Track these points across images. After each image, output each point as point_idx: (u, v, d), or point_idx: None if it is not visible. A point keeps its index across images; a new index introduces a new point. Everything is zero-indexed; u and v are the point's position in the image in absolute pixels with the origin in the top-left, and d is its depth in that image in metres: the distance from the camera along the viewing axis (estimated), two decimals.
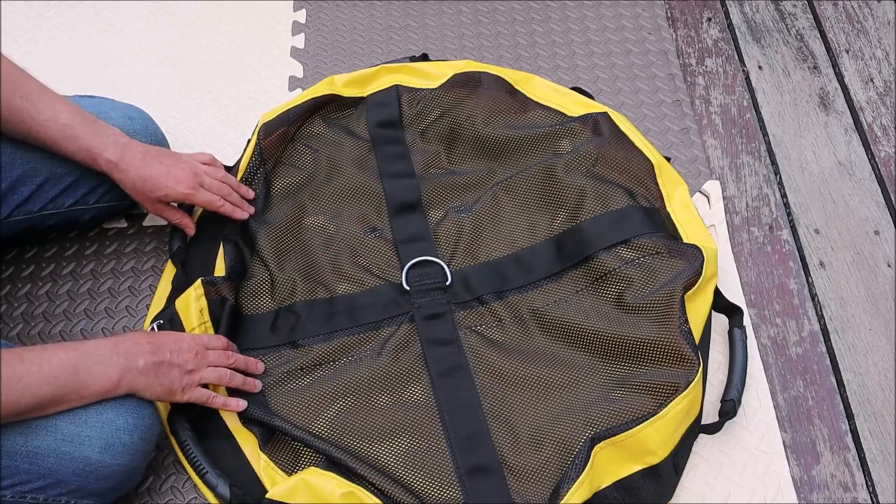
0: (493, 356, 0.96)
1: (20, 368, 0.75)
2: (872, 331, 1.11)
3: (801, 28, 1.47)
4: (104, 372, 0.80)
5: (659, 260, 0.99)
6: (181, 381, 0.86)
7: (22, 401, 0.75)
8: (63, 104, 0.95)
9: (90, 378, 0.79)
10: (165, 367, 0.84)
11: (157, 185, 0.98)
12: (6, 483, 0.79)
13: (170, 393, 0.85)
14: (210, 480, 0.90)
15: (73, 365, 0.78)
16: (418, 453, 0.89)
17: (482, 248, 1.06)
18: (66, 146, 0.95)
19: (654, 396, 0.90)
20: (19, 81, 0.93)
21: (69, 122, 0.94)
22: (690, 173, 1.25)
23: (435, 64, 1.23)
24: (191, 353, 0.87)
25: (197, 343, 0.89)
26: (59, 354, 0.78)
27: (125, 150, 0.97)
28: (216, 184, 1.02)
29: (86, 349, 0.80)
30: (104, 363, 0.80)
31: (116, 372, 0.81)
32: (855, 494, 0.97)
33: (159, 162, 0.99)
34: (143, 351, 0.83)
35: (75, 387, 0.78)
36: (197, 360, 0.87)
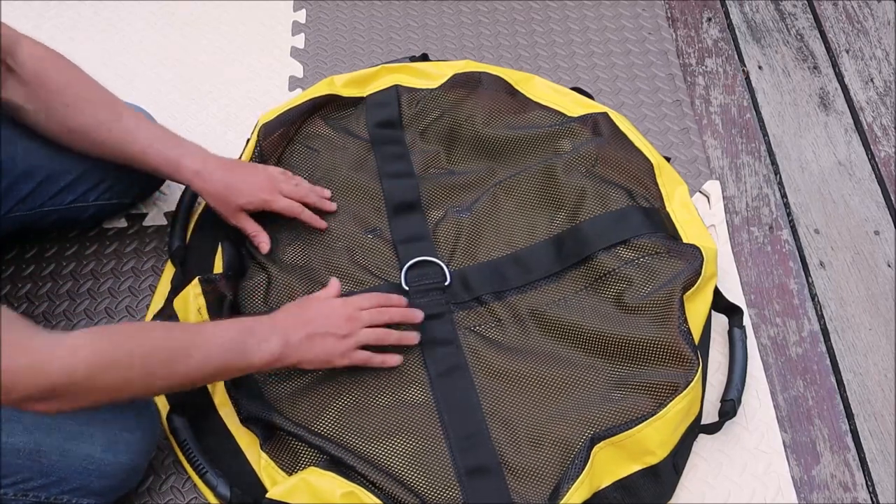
0: (492, 356, 0.96)
1: (199, 340, 0.80)
2: (872, 331, 1.11)
3: (801, 28, 1.47)
4: (266, 348, 0.83)
5: (658, 260, 0.99)
6: (337, 347, 0.88)
7: (199, 371, 0.79)
8: (144, 119, 0.98)
9: (253, 353, 0.82)
10: (320, 338, 0.87)
11: (240, 192, 0.99)
12: (9, 481, 0.80)
13: (328, 360, 0.88)
14: (210, 480, 0.90)
15: (240, 341, 0.82)
16: (417, 453, 0.89)
17: (481, 248, 1.06)
18: (151, 156, 0.97)
19: (653, 396, 0.90)
20: (106, 96, 0.97)
21: (153, 132, 0.97)
22: (690, 173, 1.25)
23: (435, 64, 1.23)
24: (343, 317, 0.89)
25: (349, 307, 0.90)
26: (229, 330, 0.83)
27: (206, 160, 0.99)
28: (294, 189, 1.04)
29: (248, 326, 0.84)
30: (266, 340, 0.83)
31: (277, 347, 0.84)
32: (855, 494, 0.97)
33: (239, 170, 1.01)
34: (294, 325, 0.86)
35: (241, 361, 0.82)
36: (350, 324, 0.89)
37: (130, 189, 1.10)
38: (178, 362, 0.78)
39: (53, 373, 0.68)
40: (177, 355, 0.78)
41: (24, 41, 0.92)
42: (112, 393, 0.74)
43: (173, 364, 0.77)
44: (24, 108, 0.94)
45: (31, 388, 0.68)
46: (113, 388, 0.73)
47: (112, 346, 0.73)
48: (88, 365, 0.70)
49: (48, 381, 0.68)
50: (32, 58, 0.92)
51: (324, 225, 1.06)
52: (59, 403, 0.70)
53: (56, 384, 0.68)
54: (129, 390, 0.76)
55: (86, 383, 0.70)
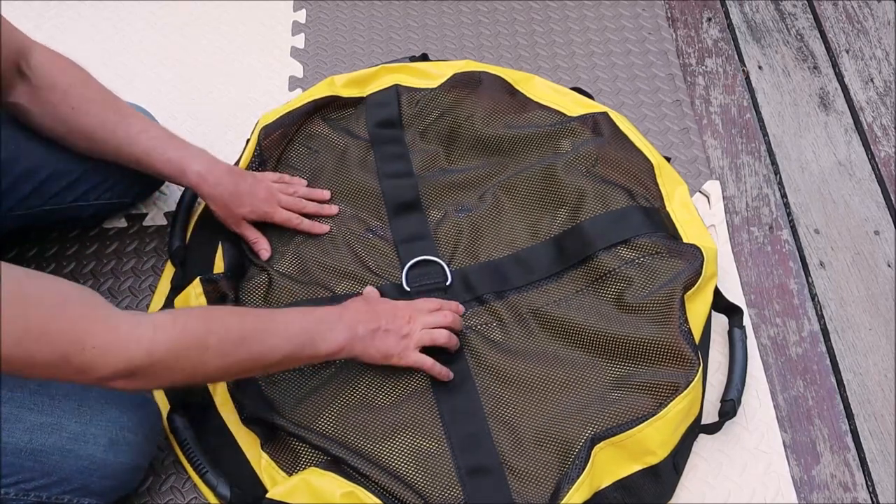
0: (493, 356, 0.96)
1: (272, 327, 0.82)
2: (872, 331, 1.11)
3: (801, 28, 1.47)
4: (334, 338, 0.85)
5: (659, 260, 0.99)
6: (397, 345, 0.90)
7: (271, 356, 0.81)
8: (150, 122, 0.99)
9: (322, 342, 0.85)
10: (381, 334, 0.89)
11: (244, 200, 1.01)
12: (10, 481, 0.80)
13: (386, 357, 0.90)
14: (210, 480, 0.90)
15: (311, 330, 0.85)
16: (419, 453, 0.89)
17: (482, 247, 1.06)
18: (155, 159, 0.97)
19: (653, 396, 0.90)
20: (112, 100, 0.97)
21: (159, 135, 0.98)
22: (690, 173, 1.25)
23: (435, 64, 1.23)
24: (405, 318, 0.91)
25: (411, 308, 0.93)
26: (300, 319, 0.85)
27: (212, 164, 0.99)
28: (292, 201, 1.06)
29: (318, 316, 0.87)
30: (333, 330, 0.86)
31: (343, 337, 0.86)
32: (855, 494, 0.97)
33: (243, 178, 1.02)
34: (362, 319, 0.88)
35: (310, 350, 0.84)
36: (411, 325, 0.91)
37: (131, 189, 1.10)
38: (252, 346, 0.79)
39: (136, 352, 0.70)
40: (252, 339, 0.79)
41: (36, 47, 0.94)
42: (189, 373, 0.76)
43: (248, 347, 0.79)
44: (30, 110, 0.94)
45: (114, 367, 0.69)
46: (190, 369, 0.75)
47: (192, 327, 0.75)
48: (170, 345, 0.72)
49: (130, 361, 0.70)
50: (44, 63, 0.93)
51: (324, 229, 1.07)
52: (139, 382, 0.72)
53: (138, 364, 0.70)
54: (205, 371, 0.77)
55: (166, 363, 0.72)
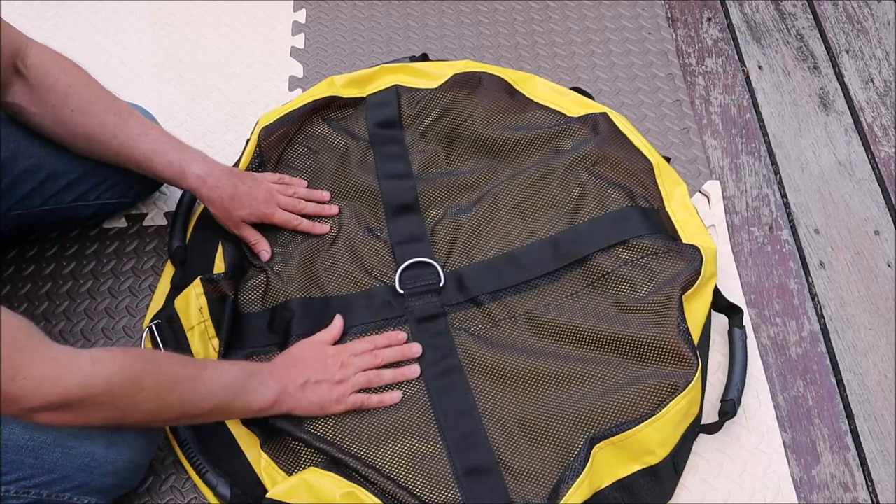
0: (487, 357, 0.96)
1: (205, 375, 0.81)
2: (872, 331, 1.11)
3: (801, 28, 1.48)
4: (263, 393, 0.85)
5: (657, 260, 0.99)
6: (331, 394, 0.89)
7: (203, 404, 0.81)
8: (150, 124, 0.98)
9: (252, 396, 0.84)
10: (312, 386, 0.88)
11: (243, 203, 1.01)
12: (11, 478, 0.80)
13: (322, 408, 0.89)
14: (210, 480, 0.90)
15: (242, 382, 0.84)
16: (414, 456, 0.89)
17: (478, 248, 1.05)
18: (156, 161, 0.97)
19: (653, 396, 0.90)
20: (112, 101, 0.97)
21: (159, 137, 0.97)
22: (690, 173, 1.25)
23: (435, 64, 1.23)
24: (335, 365, 0.90)
25: (342, 354, 0.92)
26: (232, 370, 0.85)
27: (212, 167, 0.99)
28: (292, 202, 1.06)
29: (251, 370, 0.86)
30: (264, 385, 0.85)
31: (273, 394, 0.85)
32: (855, 494, 0.97)
33: (242, 180, 1.02)
34: (291, 374, 0.88)
35: (240, 402, 0.84)
36: (343, 370, 0.90)
37: (131, 189, 1.10)
38: (185, 392, 0.79)
39: (72, 384, 0.70)
40: (185, 385, 0.79)
41: (33, 45, 0.93)
42: (120, 412, 0.75)
43: (181, 393, 0.79)
44: (29, 111, 0.94)
45: (46, 398, 0.69)
46: (122, 407, 0.75)
47: (130, 365, 0.75)
48: (106, 380, 0.72)
49: (65, 392, 0.69)
50: (41, 62, 0.93)
51: (324, 230, 1.07)
52: (68, 416, 0.71)
53: (72, 396, 0.70)
54: (136, 413, 0.77)
55: (99, 398, 0.72)
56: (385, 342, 0.95)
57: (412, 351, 0.95)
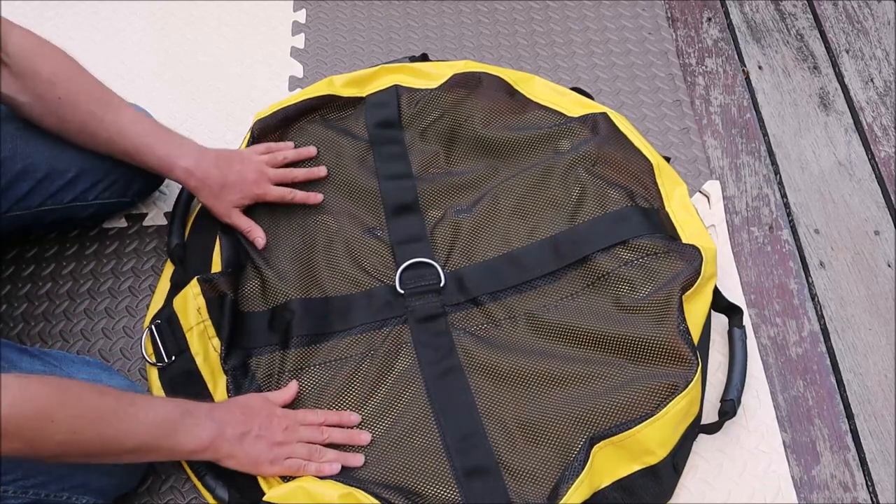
0: (487, 357, 0.96)
1: (131, 410, 0.77)
2: (872, 331, 1.11)
3: (801, 28, 1.47)
4: (197, 434, 0.81)
5: (657, 260, 0.99)
6: (268, 453, 0.85)
7: (126, 441, 0.76)
8: (139, 114, 0.97)
9: (184, 437, 0.80)
10: (252, 439, 0.84)
11: (233, 189, 1.00)
12: (9, 478, 0.80)
13: (255, 464, 0.85)
14: (209, 483, 0.90)
15: (173, 420, 0.80)
16: (415, 455, 0.89)
17: (478, 248, 1.05)
18: (144, 153, 0.96)
19: (652, 396, 0.90)
20: (101, 91, 0.95)
21: (148, 130, 0.96)
22: (690, 173, 1.25)
23: (434, 64, 1.23)
24: (280, 427, 0.86)
25: (289, 419, 0.88)
26: (165, 406, 0.81)
27: (200, 157, 0.98)
28: (281, 173, 1.04)
29: (185, 408, 0.82)
30: (199, 425, 0.81)
31: (208, 436, 0.81)
32: (855, 494, 0.97)
33: (230, 166, 1.00)
34: (233, 420, 0.84)
35: (169, 442, 0.79)
36: (286, 433, 0.86)
37: (130, 188, 1.10)
38: (105, 427, 0.74)
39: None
40: (105, 420, 0.75)
41: (14, 31, 0.90)
42: (30, 445, 0.70)
43: (99, 428, 0.74)
44: (19, 101, 0.93)
45: None
46: (31, 440, 0.70)
47: (41, 395, 0.70)
48: (10, 409, 0.67)
49: None
50: (23, 49, 0.90)
51: (319, 198, 1.06)
52: None
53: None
54: (48, 446, 0.72)
55: (5, 426, 0.67)
56: (336, 420, 0.90)
57: (360, 439, 0.90)
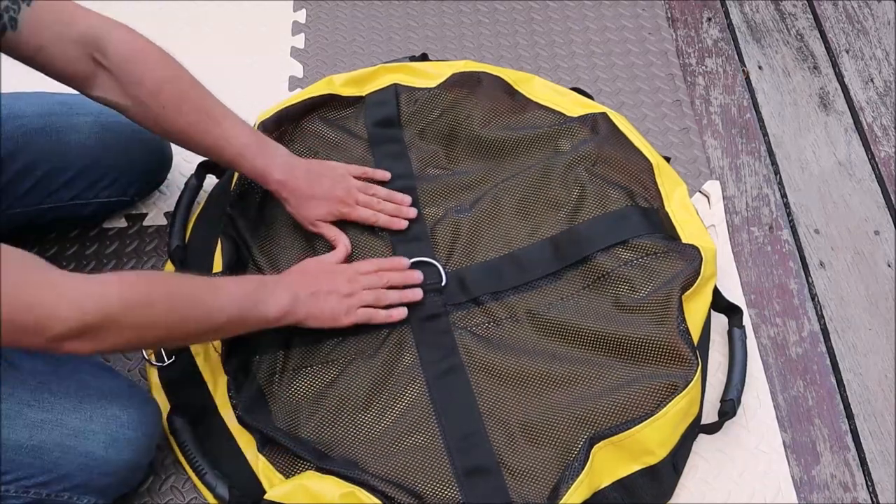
0: (488, 357, 0.96)
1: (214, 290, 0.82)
2: (872, 331, 1.11)
3: (801, 28, 1.48)
4: (276, 301, 0.87)
5: (657, 260, 0.99)
6: (341, 305, 0.92)
7: (218, 317, 0.81)
8: (241, 123, 0.98)
9: (265, 305, 0.86)
10: (324, 295, 0.91)
11: (320, 204, 1.02)
12: (10, 477, 0.80)
13: (334, 318, 0.92)
14: (209, 481, 0.90)
15: (253, 293, 0.85)
16: (416, 454, 0.89)
17: (479, 248, 1.05)
18: (243, 163, 0.97)
19: (652, 396, 0.89)
20: (203, 97, 0.96)
21: (248, 141, 0.97)
22: (690, 173, 1.25)
23: (434, 64, 1.23)
24: (344, 279, 0.94)
25: (349, 270, 0.96)
26: (241, 283, 0.87)
27: (291, 170, 0.99)
28: (369, 199, 1.05)
29: (260, 280, 0.91)
30: (275, 294, 0.87)
31: (286, 300, 0.87)
32: (855, 494, 0.97)
33: (320, 182, 1.02)
34: (302, 282, 0.91)
35: (255, 312, 0.85)
36: (351, 284, 0.93)
37: (130, 187, 1.11)
38: (200, 304, 0.80)
39: (88, 309, 0.69)
40: (199, 297, 0.80)
41: (115, 32, 0.88)
42: (141, 332, 0.75)
43: (196, 306, 0.79)
44: (121, 105, 0.91)
45: (66, 324, 0.68)
46: (142, 326, 0.75)
47: (141, 283, 0.75)
48: (121, 300, 0.71)
49: (83, 318, 0.69)
50: (126, 54, 0.88)
51: (402, 225, 1.06)
52: (92, 342, 0.70)
53: (91, 320, 0.69)
54: (156, 331, 0.77)
55: (118, 320, 0.71)
56: (389, 265, 0.98)
57: (414, 277, 0.99)
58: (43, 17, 0.82)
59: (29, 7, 0.81)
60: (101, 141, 1.05)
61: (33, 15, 0.81)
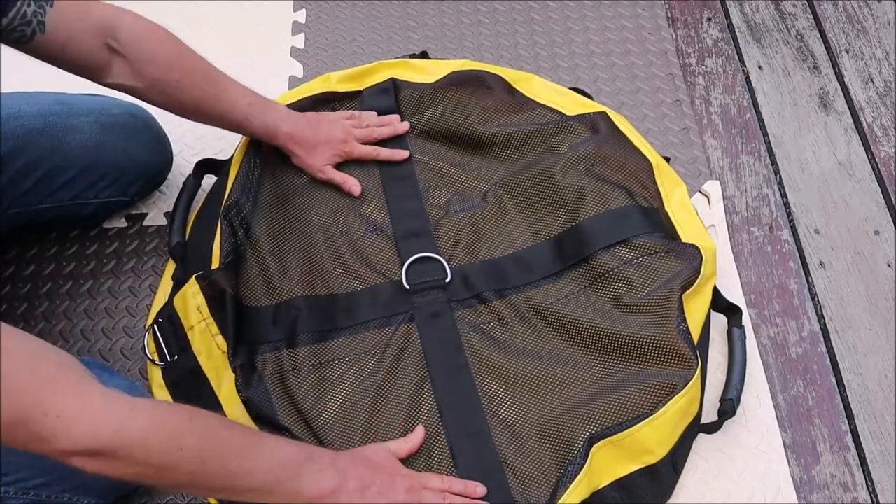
0: (493, 355, 0.96)
1: (257, 448, 0.74)
2: (872, 331, 1.11)
3: (801, 28, 1.48)
4: (319, 481, 0.77)
5: (657, 259, 0.99)
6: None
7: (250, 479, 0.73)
8: (244, 87, 1.02)
9: (307, 482, 0.76)
10: (373, 494, 0.79)
11: (326, 147, 1.06)
12: (10, 479, 0.80)
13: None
14: None
15: (297, 463, 0.76)
16: (419, 454, 0.89)
17: (482, 246, 1.05)
18: (253, 124, 1.01)
19: (652, 395, 0.89)
20: (208, 67, 0.98)
21: (254, 100, 1.01)
22: (690, 173, 1.25)
23: (433, 62, 1.23)
24: (403, 487, 0.81)
25: (413, 480, 0.83)
26: (289, 448, 0.77)
27: (295, 121, 1.05)
28: (365, 132, 1.10)
29: (310, 452, 0.79)
30: (322, 472, 0.77)
31: (330, 485, 0.77)
32: (855, 494, 0.97)
33: (321, 127, 1.07)
34: (356, 473, 0.79)
35: (292, 485, 0.75)
36: (409, 495, 0.81)
37: (130, 187, 1.11)
38: (231, 462, 0.71)
39: (104, 429, 0.63)
40: (233, 454, 0.72)
41: (123, 18, 0.90)
42: (156, 471, 0.68)
43: (226, 462, 0.71)
44: (134, 88, 0.93)
45: (77, 441, 0.63)
46: (158, 466, 0.67)
47: (173, 419, 0.68)
48: (143, 431, 0.65)
49: (96, 437, 0.63)
50: (137, 35, 0.90)
51: (404, 155, 1.11)
52: (101, 465, 0.64)
53: (103, 443, 0.63)
54: (174, 475, 0.69)
55: (133, 450, 0.65)
56: (461, 489, 0.85)
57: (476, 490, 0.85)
58: (64, 14, 0.84)
59: (52, 8, 0.83)
60: (102, 141, 1.05)
61: (57, 15, 0.83)
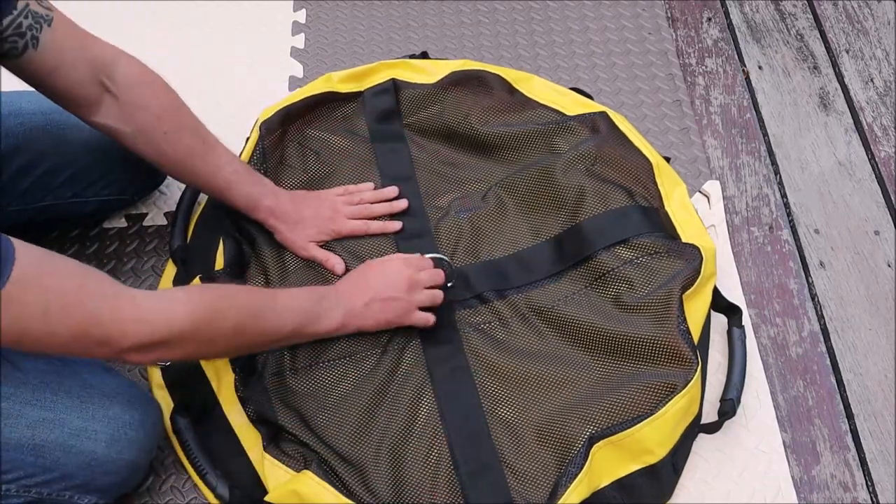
0: (493, 355, 0.96)
1: (278, 304, 0.85)
2: (872, 331, 1.11)
3: (801, 28, 1.48)
4: (333, 316, 0.89)
5: (657, 259, 0.99)
6: (395, 311, 0.93)
7: (279, 330, 0.84)
8: (231, 153, 1.00)
9: (323, 319, 0.88)
10: (379, 304, 0.92)
11: (307, 225, 1.04)
12: (11, 476, 0.80)
13: (388, 323, 0.94)
14: (210, 481, 0.90)
15: (312, 307, 0.88)
16: (419, 453, 0.89)
17: (483, 246, 1.06)
18: (234, 192, 0.99)
19: (652, 395, 0.90)
20: (198, 126, 0.98)
21: (238, 168, 1.00)
22: (690, 173, 1.25)
23: (433, 62, 1.23)
24: (402, 280, 0.94)
25: (409, 268, 0.95)
26: (301, 297, 0.89)
27: (278, 197, 1.02)
28: (357, 209, 1.07)
29: (319, 293, 0.91)
30: (332, 307, 0.89)
31: (341, 314, 0.90)
32: (855, 494, 0.97)
33: (306, 204, 1.05)
34: (357, 293, 0.92)
35: (312, 326, 0.88)
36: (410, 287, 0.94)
37: (130, 186, 1.11)
38: (262, 319, 0.82)
39: (159, 325, 0.72)
40: (261, 312, 0.82)
41: (123, 59, 0.91)
42: (205, 346, 0.79)
43: (258, 320, 0.82)
44: (120, 131, 0.93)
45: (135, 339, 0.71)
46: (206, 341, 0.78)
47: (208, 300, 0.78)
48: (189, 317, 0.74)
49: (152, 335, 0.72)
50: (132, 79, 0.91)
51: (397, 227, 1.07)
52: (156, 354, 0.74)
53: (159, 336, 0.72)
54: (220, 345, 0.81)
55: (185, 335, 0.74)
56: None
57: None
58: (61, 38, 0.85)
59: (50, 28, 0.83)
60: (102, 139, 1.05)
61: (53, 36, 0.84)
